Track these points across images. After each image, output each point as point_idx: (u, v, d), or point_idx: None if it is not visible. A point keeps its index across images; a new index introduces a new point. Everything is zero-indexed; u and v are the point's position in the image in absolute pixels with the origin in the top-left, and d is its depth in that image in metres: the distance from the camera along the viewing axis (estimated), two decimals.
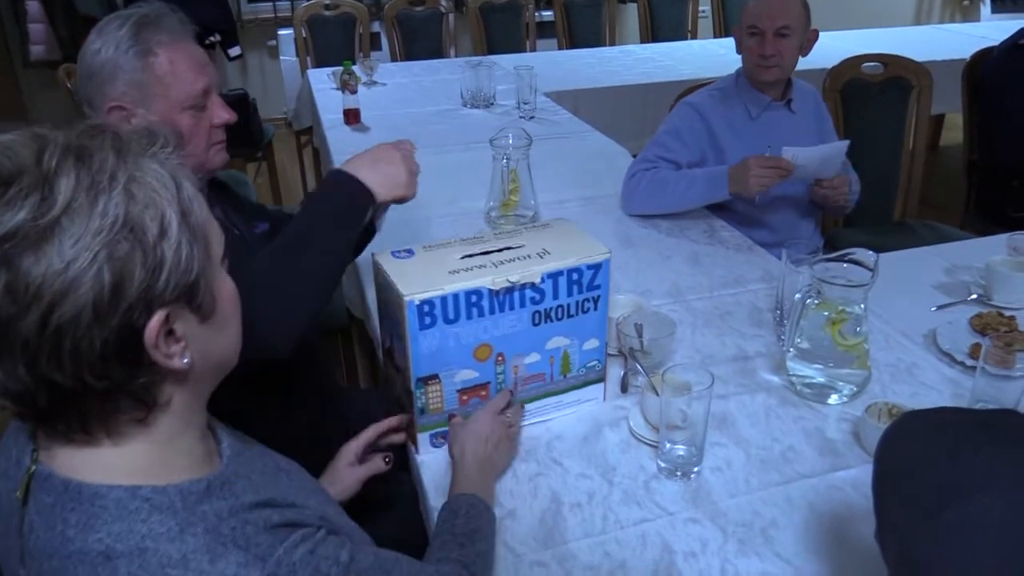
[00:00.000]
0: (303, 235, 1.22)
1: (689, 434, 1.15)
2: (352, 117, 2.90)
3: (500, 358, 1.20)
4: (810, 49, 2.12)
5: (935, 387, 1.37)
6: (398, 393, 1.24)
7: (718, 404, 1.30)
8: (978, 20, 6.31)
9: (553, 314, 1.22)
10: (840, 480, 1.16)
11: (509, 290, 1.16)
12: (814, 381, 1.33)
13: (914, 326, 1.54)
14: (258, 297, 1.09)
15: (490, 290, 1.15)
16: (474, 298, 1.14)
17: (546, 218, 1.98)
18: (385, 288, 1.17)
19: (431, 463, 1.21)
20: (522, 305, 1.18)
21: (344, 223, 1.25)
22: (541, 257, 1.20)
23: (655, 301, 1.62)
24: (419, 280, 1.13)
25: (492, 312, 1.16)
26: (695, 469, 1.17)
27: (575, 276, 1.21)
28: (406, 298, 1.09)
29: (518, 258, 1.19)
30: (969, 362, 1.40)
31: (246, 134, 3.69)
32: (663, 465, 1.18)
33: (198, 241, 0.71)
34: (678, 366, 1.19)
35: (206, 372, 0.78)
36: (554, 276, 1.19)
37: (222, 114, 1.34)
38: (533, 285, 1.18)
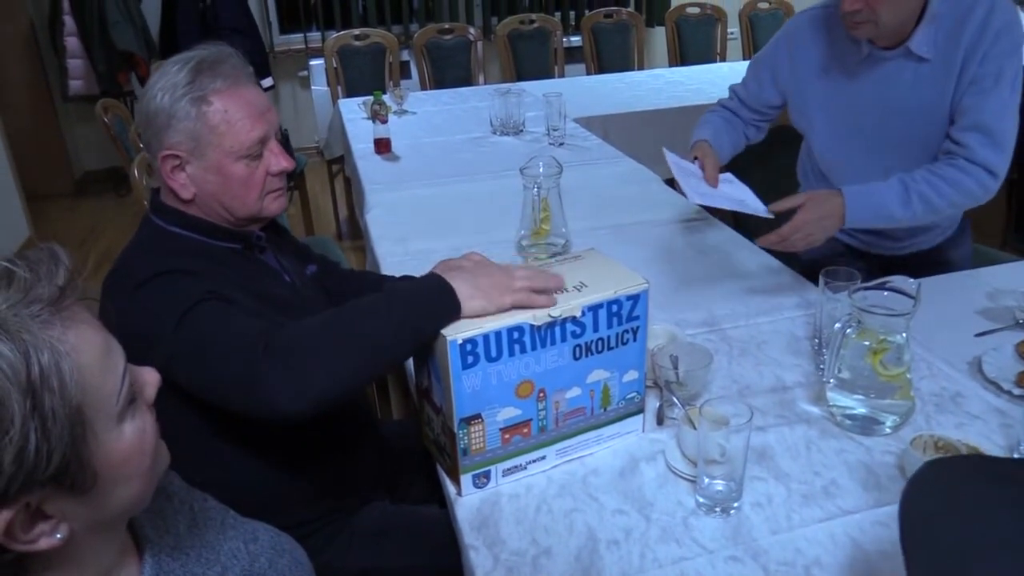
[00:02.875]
0: (362, 312, 1.11)
1: (728, 469, 1.12)
2: (383, 147, 2.92)
3: (542, 394, 1.19)
4: None
5: (981, 417, 1.33)
6: (436, 434, 1.23)
7: (757, 436, 1.28)
8: None
9: (594, 347, 1.20)
10: (885, 516, 1.12)
11: (550, 325, 1.15)
12: (856, 412, 1.30)
13: (957, 353, 1.50)
14: (292, 354, 1.06)
15: (532, 325, 1.13)
16: (516, 334, 1.13)
17: (577, 246, 1.97)
18: None
19: (466, 501, 1.20)
20: (563, 339, 1.17)
21: (411, 313, 1.10)
22: (579, 290, 1.19)
23: (690, 330, 1.60)
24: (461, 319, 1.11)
25: (534, 348, 1.15)
26: (734, 505, 1.14)
27: (614, 308, 1.20)
28: (448, 338, 1.08)
29: (556, 291, 1.18)
30: (1016, 391, 1.36)
31: None
32: (701, 501, 1.15)
33: (59, 421, 0.62)
34: (715, 399, 1.17)
35: (99, 528, 0.71)
36: (594, 309, 1.18)
37: (280, 161, 1.31)
38: (574, 319, 1.16)
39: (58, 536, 0.65)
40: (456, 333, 1.08)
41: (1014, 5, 1.61)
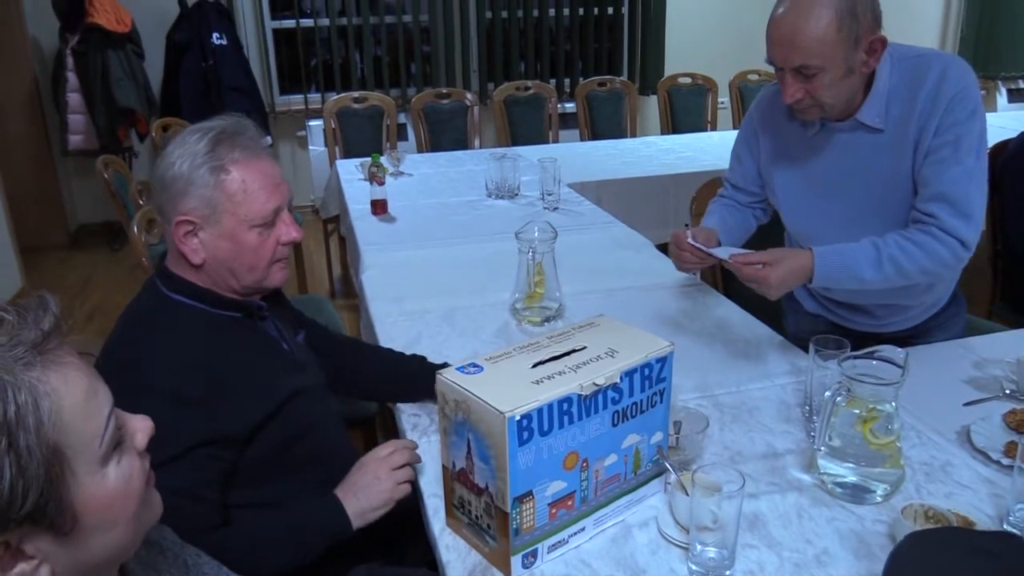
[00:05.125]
0: (281, 546, 1.26)
1: (720, 536, 1.12)
2: (379, 208, 2.97)
3: (585, 464, 1.18)
4: (876, 63, 1.55)
5: (971, 486, 1.34)
6: (475, 517, 1.19)
7: (748, 504, 1.28)
8: (995, 110, 6.39)
9: (629, 412, 1.21)
10: None
11: (595, 393, 1.15)
12: (846, 480, 1.30)
13: (946, 423, 1.51)
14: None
15: (579, 395, 1.13)
16: (565, 406, 1.12)
17: (571, 310, 2.00)
18: (465, 408, 1.12)
19: (458, 565, 1.19)
20: (604, 407, 1.17)
21: (310, 553, 1.28)
22: (612, 356, 1.19)
23: (682, 396, 1.61)
24: (509, 394, 1.09)
25: (580, 418, 1.14)
26: (727, 573, 1.14)
27: (647, 371, 1.21)
28: (507, 415, 1.05)
29: (590, 360, 1.18)
30: (1005, 461, 1.37)
31: None
32: (694, 568, 1.15)
33: (35, 458, 0.63)
34: (708, 465, 1.18)
35: (85, 574, 0.71)
36: (630, 374, 1.19)
37: (290, 231, 1.35)
38: (614, 385, 1.17)
39: None
40: (513, 409, 1.06)
41: (968, 70, 1.57)
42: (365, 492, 1.29)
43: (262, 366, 1.33)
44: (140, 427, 0.76)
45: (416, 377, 1.61)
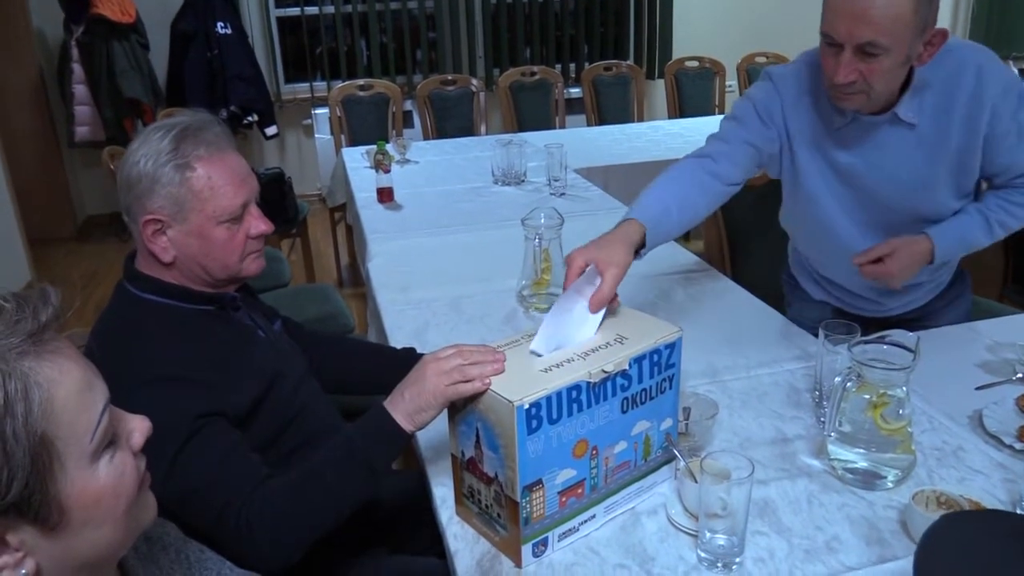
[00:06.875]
0: (328, 473, 1.20)
1: (729, 523, 1.12)
2: (385, 195, 2.96)
3: (594, 451, 1.17)
4: (929, 57, 1.49)
5: (983, 471, 1.33)
6: (485, 506, 1.18)
7: (758, 490, 1.27)
8: None
9: (638, 399, 1.20)
10: (888, 572, 1.11)
11: (604, 380, 1.14)
12: (857, 466, 1.29)
13: (958, 407, 1.50)
14: (276, 527, 1.16)
15: (588, 383, 1.12)
16: (574, 393, 1.11)
17: None
18: (472, 397, 1.12)
19: (466, 554, 1.19)
20: (613, 394, 1.16)
21: (372, 464, 1.20)
22: (621, 343, 1.19)
23: (690, 382, 1.60)
24: (517, 383, 1.08)
25: (589, 405, 1.14)
26: (736, 560, 1.14)
27: (655, 358, 1.20)
28: (515, 404, 1.05)
29: (599, 347, 1.18)
30: (1018, 445, 1.36)
31: (281, 212, 3.78)
32: (703, 555, 1.14)
33: (21, 445, 0.63)
34: (717, 452, 1.17)
35: (77, 572, 0.70)
36: (639, 360, 1.18)
37: (259, 225, 1.35)
38: (623, 372, 1.16)
39: (23, 572, 0.66)
40: (520, 396, 1.05)
41: (1001, 64, 1.56)
42: (411, 391, 1.18)
43: (241, 352, 1.33)
44: (138, 427, 0.75)
45: (401, 364, 1.56)
